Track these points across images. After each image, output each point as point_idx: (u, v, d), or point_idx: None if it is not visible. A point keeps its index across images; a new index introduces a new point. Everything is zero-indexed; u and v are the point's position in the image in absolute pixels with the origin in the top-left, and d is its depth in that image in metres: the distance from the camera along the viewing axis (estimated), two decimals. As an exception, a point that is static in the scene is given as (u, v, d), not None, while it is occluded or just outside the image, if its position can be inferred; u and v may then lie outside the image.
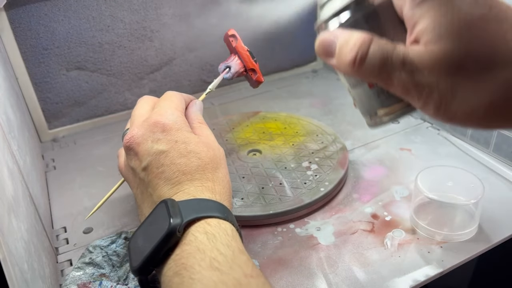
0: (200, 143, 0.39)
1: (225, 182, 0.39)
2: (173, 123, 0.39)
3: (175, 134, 0.38)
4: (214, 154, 0.39)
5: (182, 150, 0.38)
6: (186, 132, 0.39)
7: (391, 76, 0.25)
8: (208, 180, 0.37)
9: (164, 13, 0.69)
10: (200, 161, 0.38)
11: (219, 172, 0.39)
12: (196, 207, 0.34)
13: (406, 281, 0.40)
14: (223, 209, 0.35)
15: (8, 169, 0.37)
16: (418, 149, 0.59)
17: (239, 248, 0.32)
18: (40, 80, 0.65)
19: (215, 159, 0.39)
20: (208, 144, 0.40)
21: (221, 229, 0.33)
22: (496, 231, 0.44)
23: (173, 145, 0.38)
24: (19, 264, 0.31)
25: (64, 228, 0.50)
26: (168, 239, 0.32)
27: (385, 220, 0.47)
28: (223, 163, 0.40)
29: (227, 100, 0.78)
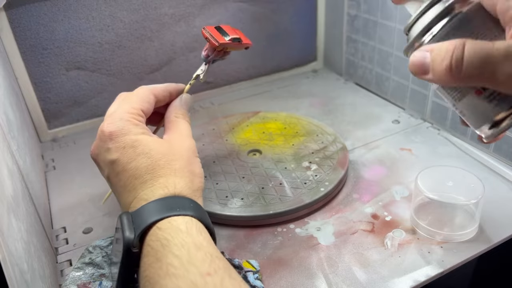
0: (150, 142, 0.38)
1: (186, 171, 0.38)
2: (119, 129, 0.38)
3: (122, 140, 0.37)
4: (170, 147, 0.38)
5: (131, 155, 0.37)
6: (134, 135, 0.38)
7: (495, 72, 0.24)
8: (159, 177, 0.36)
9: (164, 13, 0.69)
10: (149, 160, 0.37)
11: (176, 163, 0.37)
12: (147, 213, 0.34)
13: (406, 281, 0.40)
14: (174, 202, 0.35)
15: (7, 169, 0.37)
16: (418, 149, 0.59)
17: (194, 243, 0.31)
18: (40, 80, 0.65)
19: (171, 151, 0.38)
20: (165, 141, 0.39)
21: (173, 228, 0.32)
22: (496, 231, 0.44)
23: (121, 151, 0.37)
24: (19, 264, 0.31)
25: (64, 228, 0.50)
26: (127, 257, 0.33)
27: (385, 220, 0.47)
28: (184, 153, 0.39)
29: (227, 100, 0.78)
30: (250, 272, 0.41)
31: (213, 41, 0.46)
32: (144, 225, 0.33)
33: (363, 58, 0.76)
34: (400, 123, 0.66)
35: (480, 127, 0.30)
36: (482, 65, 0.25)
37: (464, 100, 0.29)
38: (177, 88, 0.45)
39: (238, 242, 0.46)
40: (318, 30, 0.84)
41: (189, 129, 0.42)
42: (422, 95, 0.65)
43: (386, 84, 0.72)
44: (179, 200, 0.35)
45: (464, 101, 0.29)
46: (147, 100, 0.42)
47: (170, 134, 0.41)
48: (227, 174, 0.53)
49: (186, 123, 0.43)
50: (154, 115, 0.46)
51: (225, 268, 0.30)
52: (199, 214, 0.35)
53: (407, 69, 0.29)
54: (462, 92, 0.29)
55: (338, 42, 0.81)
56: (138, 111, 0.40)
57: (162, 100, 0.44)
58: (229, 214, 0.47)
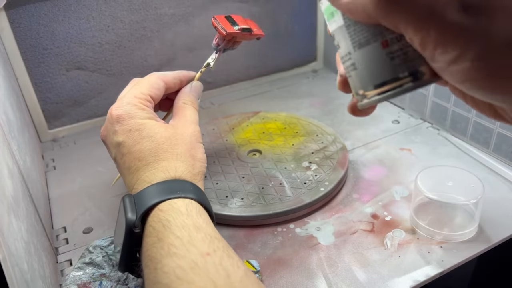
0: (156, 126, 0.39)
1: (187, 156, 0.39)
2: (126, 113, 0.39)
3: (129, 123, 0.39)
4: (173, 132, 0.39)
5: (136, 138, 0.38)
6: (140, 119, 0.39)
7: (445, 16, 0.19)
8: (162, 160, 0.37)
9: (164, 13, 0.69)
10: (153, 144, 0.38)
11: (178, 148, 0.39)
12: (149, 195, 0.35)
13: (406, 281, 0.40)
14: (175, 185, 0.36)
15: (8, 169, 0.37)
16: (418, 149, 0.59)
17: (194, 225, 0.32)
18: (40, 80, 0.65)
19: (174, 136, 0.39)
20: (170, 126, 0.40)
21: (174, 210, 0.33)
22: (496, 231, 0.44)
23: (127, 134, 0.39)
24: (19, 264, 0.31)
25: (64, 228, 0.50)
26: (130, 237, 0.34)
27: (385, 220, 0.47)
28: (187, 139, 0.40)
29: (227, 100, 0.78)
30: (250, 272, 0.41)
31: (221, 30, 0.46)
32: (146, 206, 0.34)
33: (363, 58, 0.75)
34: (400, 123, 0.66)
35: (366, 87, 0.25)
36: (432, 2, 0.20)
37: (364, 49, 0.24)
38: (187, 76, 0.46)
39: (238, 242, 0.46)
40: (318, 30, 0.85)
41: (195, 116, 0.43)
42: (422, 95, 0.65)
43: (386, 84, 0.72)
44: (179, 183, 0.36)
45: (364, 50, 0.25)
46: (156, 86, 0.43)
47: (176, 120, 0.42)
48: (227, 174, 0.53)
49: (193, 110, 0.43)
50: (165, 101, 0.47)
51: (223, 248, 0.31)
52: (199, 196, 0.36)
53: None
54: (368, 38, 0.24)
55: (338, 42, 0.81)
56: (146, 96, 0.41)
57: (173, 87, 0.45)
58: (229, 214, 0.47)
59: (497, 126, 0.54)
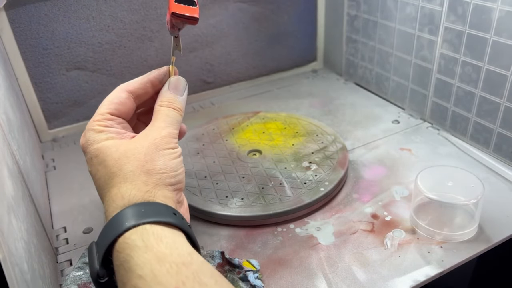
0: (108, 148, 0.35)
1: (138, 173, 0.34)
2: (86, 141, 0.37)
3: (88, 151, 0.37)
4: (125, 149, 0.35)
5: (95, 165, 0.36)
6: (96, 144, 0.36)
7: None
8: (112, 187, 0.34)
9: (164, 13, 0.69)
10: (105, 170, 0.35)
11: (127, 167, 0.34)
12: (103, 237, 0.31)
13: (406, 281, 0.40)
14: (125, 216, 0.31)
15: (8, 169, 0.37)
16: (418, 149, 0.59)
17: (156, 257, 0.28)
18: (40, 80, 0.65)
19: (125, 154, 0.35)
20: (124, 143, 0.36)
21: (130, 248, 0.29)
22: (496, 231, 0.44)
23: (90, 163, 0.37)
24: (19, 264, 0.31)
25: (64, 228, 0.50)
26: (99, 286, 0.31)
27: (385, 220, 0.47)
28: (141, 151, 0.35)
29: (227, 100, 0.78)
30: (251, 271, 0.41)
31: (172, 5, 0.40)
32: (102, 252, 0.31)
33: (363, 58, 0.76)
34: (400, 123, 0.66)
35: None
36: None
37: None
38: (159, 74, 0.41)
39: (238, 242, 0.46)
40: (318, 30, 0.85)
41: (169, 117, 0.38)
42: (422, 95, 0.65)
43: (386, 84, 0.72)
44: (130, 211, 0.31)
45: None
46: (116, 101, 0.39)
47: (145, 130, 0.38)
48: (227, 174, 0.53)
49: (168, 111, 0.38)
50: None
51: (194, 275, 0.28)
52: (153, 215, 0.31)
53: (407, 69, 0.29)
54: None
55: (338, 42, 0.81)
56: (104, 116, 0.38)
57: (144, 93, 0.40)
58: (229, 214, 0.47)
59: (497, 126, 0.54)
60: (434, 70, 0.61)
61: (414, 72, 0.65)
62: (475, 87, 0.55)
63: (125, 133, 0.38)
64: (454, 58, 0.57)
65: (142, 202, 0.32)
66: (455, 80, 0.58)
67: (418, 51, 0.63)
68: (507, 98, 0.51)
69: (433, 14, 0.58)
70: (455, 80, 0.58)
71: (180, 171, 0.36)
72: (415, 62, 0.64)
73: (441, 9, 0.57)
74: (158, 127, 0.37)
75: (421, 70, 0.63)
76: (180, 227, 0.32)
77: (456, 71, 0.58)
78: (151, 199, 0.33)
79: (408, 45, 0.64)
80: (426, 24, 0.60)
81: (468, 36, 0.54)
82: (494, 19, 0.50)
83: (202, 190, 0.51)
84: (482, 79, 0.54)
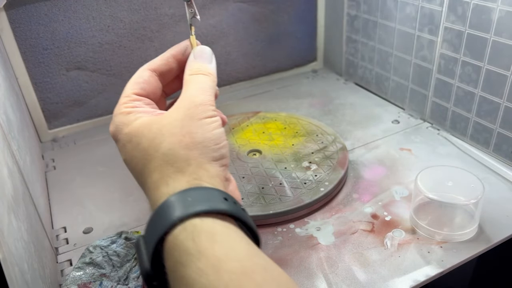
0: (140, 129, 0.31)
1: (178, 148, 0.30)
2: (116, 128, 0.33)
3: (120, 138, 0.33)
4: (159, 127, 0.31)
5: (130, 151, 0.32)
6: (126, 128, 0.32)
7: None
8: (152, 172, 0.30)
9: (164, 13, 0.69)
10: (141, 153, 0.31)
11: (164, 145, 0.30)
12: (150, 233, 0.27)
13: (406, 281, 0.40)
14: (168, 210, 0.27)
15: (8, 169, 0.37)
16: (418, 149, 0.59)
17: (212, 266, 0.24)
18: (40, 80, 0.65)
19: (159, 131, 0.31)
20: (157, 119, 0.32)
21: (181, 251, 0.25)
22: (496, 231, 0.44)
23: (124, 150, 0.32)
24: (19, 264, 0.31)
25: (64, 228, 0.50)
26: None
27: (385, 220, 0.47)
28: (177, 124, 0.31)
29: (227, 100, 0.78)
30: (250, 272, 0.41)
31: None
32: (151, 250, 0.27)
33: (363, 58, 0.76)
34: (400, 123, 0.66)
35: None
36: None
37: None
38: (180, 48, 0.38)
39: (238, 242, 0.46)
40: (318, 30, 0.85)
41: (200, 83, 0.35)
42: (422, 95, 0.65)
43: (386, 84, 0.72)
44: (174, 201, 0.27)
45: None
46: (141, 80, 0.36)
47: (176, 102, 0.33)
48: (227, 174, 0.53)
49: (198, 77, 0.35)
50: None
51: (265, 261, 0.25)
52: (202, 204, 0.27)
53: (407, 69, 0.28)
54: None
55: (338, 42, 0.81)
56: (130, 97, 0.35)
57: (168, 69, 0.38)
58: (229, 214, 0.47)
59: (497, 126, 0.54)
60: (434, 70, 0.61)
61: (414, 72, 0.65)
62: (475, 87, 0.55)
63: (155, 111, 0.34)
64: (454, 58, 0.57)
65: (188, 188, 0.28)
66: (455, 80, 0.58)
67: (418, 51, 0.63)
68: (507, 98, 0.51)
69: (433, 14, 0.58)
70: (455, 80, 0.58)
71: (224, 143, 0.32)
72: (415, 62, 0.64)
73: (441, 9, 0.57)
74: (190, 95, 0.33)
75: (421, 70, 0.63)
76: (234, 215, 0.28)
77: (456, 71, 0.58)
78: (197, 182, 0.29)
79: (408, 45, 0.64)
80: (426, 24, 0.60)
81: (468, 36, 0.54)
82: (494, 19, 0.50)
83: (202, 190, 0.51)
84: (482, 79, 0.54)
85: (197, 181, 0.29)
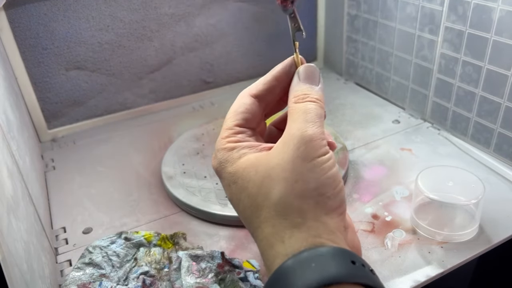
0: (246, 171, 0.29)
1: (291, 197, 0.27)
2: (219, 164, 0.31)
3: (225, 177, 0.30)
4: (266, 169, 0.28)
5: (236, 194, 0.29)
6: (231, 167, 0.30)
7: None
8: (262, 223, 0.27)
9: (164, 13, 0.69)
10: (249, 200, 0.28)
11: (274, 193, 0.27)
12: None
13: (406, 281, 0.40)
14: (292, 274, 0.24)
15: (7, 169, 0.37)
16: (418, 149, 0.59)
17: None
18: (40, 80, 0.65)
19: (267, 174, 0.28)
20: (263, 158, 0.29)
21: None
22: (496, 231, 0.44)
23: (228, 190, 0.30)
24: (19, 265, 0.31)
25: (64, 228, 0.50)
26: None
27: (385, 220, 0.47)
28: (287, 167, 0.27)
29: (227, 100, 0.78)
30: (251, 272, 0.41)
31: None
32: None
33: (363, 58, 0.75)
34: (400, 123, 0.66)
35: None
36: None
37: None
38: (284, 66, 0.35)
39: (238, 242, 0.46)
40: (318, 30, 0.84)
41: (308, 113, 0.30)
42: (422, 95, 0.65)
43: (386, 84, 0.72)
44: (295, 269, 0.24)
45: None
46: (242, 109, 0.34)
47: (282, 136, 0.30)
48: (227, 174, 0.53)
49: (305, 105, 0.30)
50: None
51: None
52: (328, 272, 0.24)
53: (408, 69, 0.28)
54: None
55: (338, 42, 0.81)
56: (232, 130, 0.32)
57: (270, 94, 0.35)
58: (229, 214, 0.47)
59: (498, 126, 0.54)
60: (434, 70, 0.61)
61: (415, 72, 0.65)
62: (476, 87, 0.55)
63: (260, 145, 0.31)
64: (454, 58, 0.57)
65: (307, 249, 0.25)
66: (456, 80, 0.58)
67: (419, 51, 0.63)
68: (507, 98, 0.51)
69: (433, 13, 0.58)
70: (455, 80, 0.58)
71: (340, 186, 0.28)
72: (415, 62, 0.64)
73: (441, 9, 0.57)
74: (297, 129, 0.29)
75: (421, 70, 0.63)
76: (366, 284, 0.24)
77: (456, 71, 0.57)
78: (316, 240, 0.26)
79: (408, 45, 0.64)
80: (426, 23, 0.60)
81: (468, 36, 0.54)
82: (494, 19, 0.50)
83: (201, 190, 0.51)
84: (483, 79, 0.54)
85: (317, 239, 0.26)
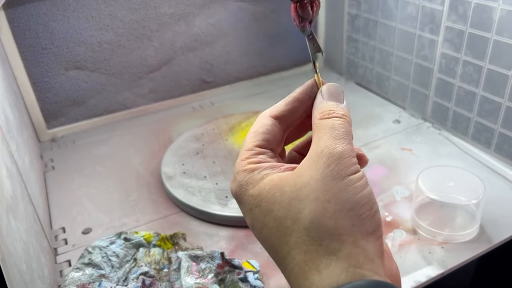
0: (271, 192, 0.27)
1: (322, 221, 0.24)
2: (239, 188, 0.29)
3: (246, 201, 0.28)
4: (292, 190, 0.26)
5: (259, 218, 0.27)
6: (252, 190, 0.28)
7: None
8: (295, 249, 0.25)
9: (163, 13, 0.69)
10: (275, 223, 0.26)
11: (304, 215, 0.25)
12: None
13: (407, 281, 0.40)
14: None
15: (6, 169, 0.37)
16: (419, 149, 0.59)
17: None
18: (39, 80, 0.65)
19: (295, 196, 0.26)
20: (290, 179, 0.27)
21: None
22: (497, 231, 0.44)
23: (250, 216, 0.28)
24: (18, 265, 0.31)
25: (63, 229, 0.50)
26: None
27: (386, 220, 0.47)
28: (317, 187, 0.25)
29: (227, 100, 0.78)
30: (250, 272, 0.40)
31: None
32: None
33: (364, 58, 0.75)
34: (400, 123, 0.66)
35: None
36: None
37: None
38: (305, 88, 0.33)
39: (238, 243, 0.46)
40: (319, 29, 0.84)
41: (335, 130, 0.29)
42: (423, 95, 0.64)
43: (386, 83, 0.72)
44: None
45: None
46: (262, 129, 0.32)
47: (306, 157, 0.28)
48: (227, 174, 0.53)
49: (332, 121, 0.29)
50: None
51: None
52: None
53: (408, 68, 0.28)
54: None
55: (339, 41, 0.81)
56: (252, 151, 0.30)
57: (291, 115, 0.33)
58: (229, 214, 0.47)
59: (498, 126, 0.54)
60: (435, 69, 0.61)
61: (415, 72, 0.65)
62: (476, 86, 0.55)
63: (283, 165, 0.29)
64: (455, 57, 0.57)
65: (349, 282, 0.23)
66: (456, 79, 0.58)
67: (419, 50, 0.63)
68: (508, 97, 0.51)
69: (434, 13, 0.58)
70: (456, 80, 0.58)
71: (376, 207, 0.25)
72: (416, 61, 0.64)
73: (442, 9, 0.57)
74: (325, 146, 0.27)
75: (422, 69, 0.63)
76: None
77: (457, 71, 0.57)
78: (357, 271, 0.23)
79: (409, 44, 0.64)
80: (427, 23, 0.60)
81: (469, 36, 0.54)
82: (495, 19, 0.50)
83: (201, 190, 0.51)
84: (483, 79, 0.54)
85: (357, 270, 0.23)
